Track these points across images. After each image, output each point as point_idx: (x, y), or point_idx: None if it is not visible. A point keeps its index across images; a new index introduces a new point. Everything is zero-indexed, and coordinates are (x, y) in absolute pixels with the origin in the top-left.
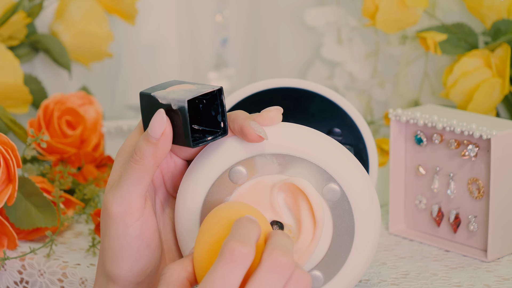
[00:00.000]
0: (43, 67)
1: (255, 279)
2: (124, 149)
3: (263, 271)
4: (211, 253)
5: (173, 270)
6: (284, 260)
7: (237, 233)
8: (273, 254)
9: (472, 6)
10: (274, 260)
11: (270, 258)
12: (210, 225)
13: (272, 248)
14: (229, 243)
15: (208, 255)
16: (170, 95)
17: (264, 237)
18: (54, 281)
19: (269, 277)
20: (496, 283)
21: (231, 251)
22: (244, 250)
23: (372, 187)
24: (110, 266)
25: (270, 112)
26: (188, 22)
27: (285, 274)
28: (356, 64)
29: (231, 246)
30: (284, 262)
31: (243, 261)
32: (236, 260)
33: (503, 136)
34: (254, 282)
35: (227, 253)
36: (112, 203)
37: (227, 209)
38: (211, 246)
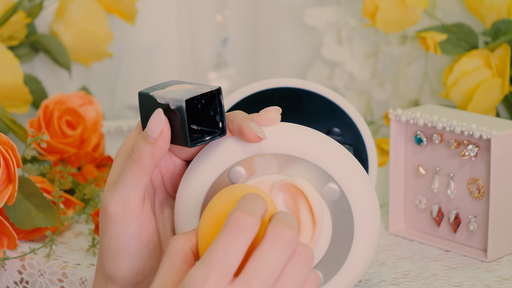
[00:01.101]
0: (43, 67)
1: (258, 251)
2: (123, 149)
3: (266, 243)
4: (216, 226)
5: (177, 241)
6: (288, 233)
7: (243, 205)
8: (277, 227)
9: (472, 6)
10: (278, 233)
11: (274, 231)
12: (217, 200)
13: (276, 222)
14: (235, 213)
15: (212, 228)
16: (169, 95)
17: (269, 217)
18: (54, 281)
19: (273, 249)
20: (496, 283)
21: (236, 220)
22: (249, 220)
23: (371, 186)
24: (109, 266)
25: (268, 112)
26: (188, 22)
27: (289, 247)
28: (356, 64)
29: (236, 216)
30: (288, 235)
31: (248, 231)
32: (240, 230)
33: (503, 136)
34: (257, 255)
35: (232, 222)
36: (110, 203)
37: (236, 187)
38: (216, 219)
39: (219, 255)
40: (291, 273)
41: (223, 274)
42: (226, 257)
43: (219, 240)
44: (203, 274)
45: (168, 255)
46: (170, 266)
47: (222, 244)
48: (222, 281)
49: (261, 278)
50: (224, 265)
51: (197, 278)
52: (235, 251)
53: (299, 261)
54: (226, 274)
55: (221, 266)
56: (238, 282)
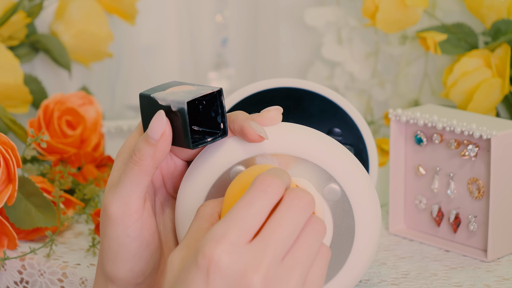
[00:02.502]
0: (43, 67)
1: (276, 212)
2: (124, 150)
3: (285, 204)
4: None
5: (205, 206)
6: (306, 196)
7: (270, 170)
8: (294, 191)
9: (472, 6)
10: (296, 195)
11: (292, 193)
12: (246, 172)
13: (294, 188)
14: (262, 175)
15: (238, 195)
16: (170, 97)
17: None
18: (54, 281)
19: (291, 210)
20: (496, 283)
21: (262, 180)
22: (275, 181)
23: (372, 187)
24: (109, 267)
25: (270, 112)
26: (188, 22)
27: (307, 210)
28: (356, 64)
29: (263, 177)
30: (306, 198)
31: (273, 192)
32: (266, 190)
33: (503, 136)
34: (275, 215)
35: (258, 182)
36: (111, 204)
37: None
38: (242, 186)
39: (243, 211)
40: (306, 239)
41: (244, 230)
42: (249, 214)
43: (244, 198)
44: (224, 228)
45: (196, 219)
46: (198, 228)
47: (247, 202)
48: (242, 237)
49: (279, 238)
50: (247, 222)
51: (218, 231)
52: (258, 209)
53: (314, 229)
54: (247, 231)
55: (243, 222)
56: (256, 240)
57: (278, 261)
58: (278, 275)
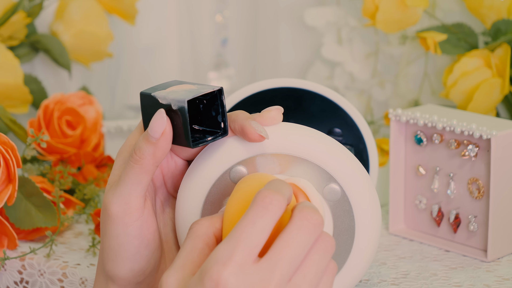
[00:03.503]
0: (43, 67)
1: (285, 232)
2: (125, 149)
3: (294, 225)
4: (242, 210)
5: (200, 225)
6: (315, 217)
7: (270, 185)
8: (304, 210)
9: (472, 6)
10: (306, 215)
11: (302, 214)
12: (243, 185)
13: (303, 206)
14: (262, 191)
15: (238, 212)
16: (170, 95)
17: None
18: (54, 281)
19: (300, 231)
20: (496, 283)
21: (264, 197)
22: (277, 198)
23: (372, 187)
24: (109, 266)
25: (270, 112)
26: (188, 22)
27: (316, 231)
28: (356, 64)
29: (263, 193)
30: (316, 219)
31: (275, 209)
32: (267, 207)
33: (503, 136)
34: (284, 236)
35: (260, 199)
36: (111, 203)
37: (262, 175)
38: (242, 204)
39: (246, 230)
40: (315, 258)
41: (249, 250)
42: (253, 233)
43: (246, 216)
44: (229, 250)
45: (190, 238)
46: (192, 248)
47: (250, 221)
48: (248, 257)
49: (287, 259)
50: (251, 241)
51: (223, 253)
52: (262, 228)
53: (323, 247)
54: (252, 251)
55: (248, 242)
56: (264, 261)
57: (285, 281)
58: None
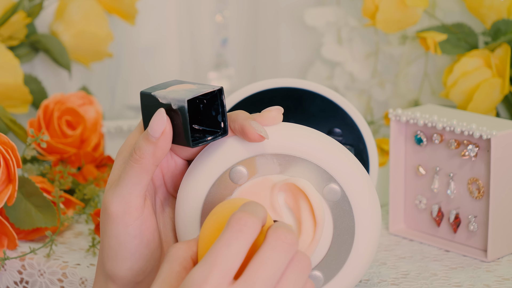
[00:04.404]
0: (43, 67)
1: (259, 253)
2: (125, 149)
3: (268, 245)
4: (217, 233)
5: (177, 248)
6: (289, 237)
7: (244, 207)
8: (278, 230)
9: (472, 6)
10: (279, 235)
11: (276, 234)
12: (218, 209)
13: (276, 226)
14: (236, 213)
15: (213, 235)
16: (170, 95)
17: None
18: (54, 281)
19: (274, 251)
20: (496, 283)
21: (238, 219)
22: (251, 220)
23: (372, 187)
24: (109, 265)
25: (270, 112)
26: (188, 22)
27: (290, 250)
28: (356, 64)
29: (237, 216)
30: (289, 238)
31: (249, 231)
32: (242, 229)
33: (503, 136)
34: (259, 257)
35: (234, 222)
36: (111, 202)
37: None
38: (217, 227)
39: (221, 253)
40: (290, 278)
41: (224, 272)
42: (228, 255)
43: (221, 239)
44: (205, 272)
45: (167, 262)
46: (169, 272)
47: (224, 243)
48: (223, 280)
49: (262, 279)
50: (226, 264)
51: (198, 276)
52: (237, 250)
53: (298, 267)
54: (227, 273)
55: (223, 265)
56: (239, 283)
57: None
58: None
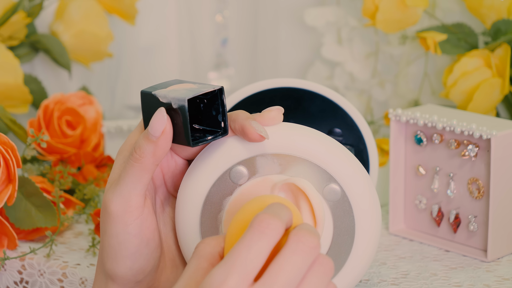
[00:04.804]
0: (43, 67)
1: (280, 256)
2: (125, 148)
3: (289, 248)
4: (243, 232)
5: (206, 244)
6: (311, 239)
7: (268, 209)
8: (300, 233)
9: (472, 6)
10: (300, 238)
11: (297, 236)
12: (245, 207)
13: (299, 229)
14: (260, 215)
15: (239, 234)
16: (171, 94)
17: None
18: (54, 281)
19: (295, 254)
20: (496, 283)
21: (260, 221)
22: (274, 222)
23: (372, 187)
24: (109, 264)
25: (271, 112)
26: (188, 22)
27: (311, 254)
28: (356, 64)
29: (260, 217)
30: (311, 241)
31: (272, 233)
32: (264, 231)
33: (503, 136)
34: (279, 259)
35: (257, 224)
36: (111, 201)
37: (266, 196)
38: (243, 225)
39: (242, 254)
40: (312, 281)
41: (244, 274)
42: (249, 257)
43: (242, 240)
44: (224, 273)
45: (195, 258)
46: (197, 268)
47: (245, 245)
48: (243, 281)
49: (282, 282)
50: (246, 266)
51: (217, 277)
52: (257, 252)
53: (321, 270)
54: (247, 275)
55: (243, 266)
56: (258, 285)
57: None
58: None
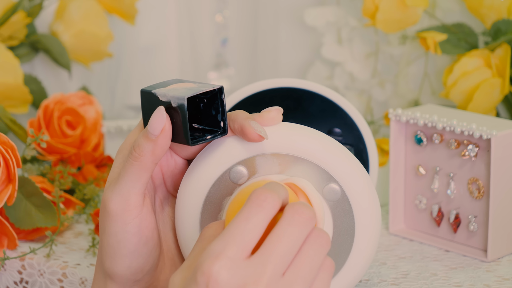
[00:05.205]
0: (43, 67)
1: (276, 227)
2: (125, 147)
3: (285, 219)
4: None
5: (209, 228)
6: (306, 211)
7: (267, 185)
8: (295, 206)
9: (472, 6)
10: (297, 210)
11: (293, 209)
12: (247, 187)
13: (294, 202)
14: (258, 190)
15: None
16: (170, 93)
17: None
18: (54, 281)
19: (291, 225)
20: (496, 283)
21: (258, 195)
22: (271, 196)
23: (372, 187)
24: (108, 263)
25: (270, 112)
26: (188, 22)
27: (307, 225)
28: (356, 64)
29: (259, 192)
30: (307, 213)
31: (269, 206)
32: (261, 205)
33: (503, 136)
34: (275, 230)
35: (255, 197)
36: (110, 199)
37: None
38: (242, 202)
39: (240, 226)
40: (309, 254)
41: (242, 246)
42: (246, 229)
43: (240, 213)
44: (222, 245)
45: (199, 241)
46: (200, 250)
47: (244, 217)
48: (240, 252)
49: (279, 253)
50: (244, 237)
51: (216, 247)
52: (255, 224)
53: (317, 243)
54: (245, 247)
55: (240, 238)
56: (256, 256)
57: (278, 276)
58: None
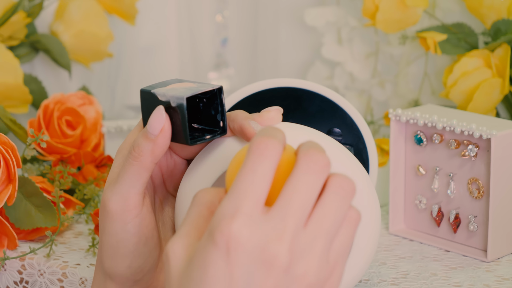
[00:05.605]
0: (43, 67)
1: (291, 177)
2: (124, 147)
3: (300, 168)
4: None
5: (205, 192)
6: (321, 158)
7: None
8: (309, 152)
9: (472, 6)
10: (311, 157)
11: (307, 156)
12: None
13: (307, 148)
14: (256, 138)
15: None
16: (170, 93)
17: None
18: (54, 281)
19: (307, 173)
20: (496, 283)
21: (257, 144)
22: (271, 142)
23: (372, 187)
24: (108, 263)
25: (270, 112)
26: (188, 22)
27: (323, 172)
28: (356, 64)
29: (257, 140)
30: (322, 159)
31: (272, 153)
32: (264, 153)
33: (503, 136)
34: (291, 181)
35: (254, 147)
36: (110, 199)
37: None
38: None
39: (248, 179)
40: (331, 205)
41: (255, 198)
42: (255, 180)
43: (245, 166)
44: (235, 201)
45: (195, 206)
46: (198, 216)
47: (249, 169)
48: (255, 206)
49: (298, 204)
50: (255, 189)
51: (228, 207)
52: (263, 174)
53: (340, 193)
54: (258, 199)
55: (251, 191)
56: (274, 209)
57: (300, 228)
58: (302, 243)
